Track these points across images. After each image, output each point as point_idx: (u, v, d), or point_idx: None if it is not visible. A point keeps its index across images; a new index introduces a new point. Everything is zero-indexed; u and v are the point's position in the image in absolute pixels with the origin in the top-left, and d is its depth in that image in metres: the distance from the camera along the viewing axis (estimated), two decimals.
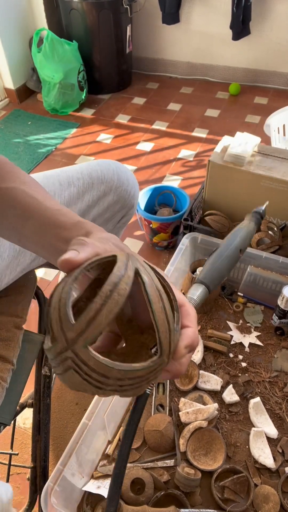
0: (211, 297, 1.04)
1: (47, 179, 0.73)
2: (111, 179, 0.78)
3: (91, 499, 0.77)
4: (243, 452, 0.83)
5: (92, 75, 2.48)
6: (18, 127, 2.33)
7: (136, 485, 0.77)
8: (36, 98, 2.57)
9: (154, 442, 0.83)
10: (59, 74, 2.23)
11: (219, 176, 1.16)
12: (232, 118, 2.31)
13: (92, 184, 0.76)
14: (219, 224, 1.18)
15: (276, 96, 2.48)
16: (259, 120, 2.27)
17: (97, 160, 0.82)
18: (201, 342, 0.98)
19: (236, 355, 0.98)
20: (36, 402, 0.87)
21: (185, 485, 0.76)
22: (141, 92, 2.61)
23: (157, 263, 1.51)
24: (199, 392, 0.90)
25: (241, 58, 2.50)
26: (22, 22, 2.38)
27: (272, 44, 2.39)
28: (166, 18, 2.41)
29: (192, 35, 2.52)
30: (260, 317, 1.06)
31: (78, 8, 2.23)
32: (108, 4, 2.21)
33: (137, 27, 2.60)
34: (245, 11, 2.21)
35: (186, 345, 0.34)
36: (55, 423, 1.14)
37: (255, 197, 1.15)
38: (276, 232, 1.12)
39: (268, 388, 0.92)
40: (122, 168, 0.81)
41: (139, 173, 1.96)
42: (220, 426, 0.86)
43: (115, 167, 0.80)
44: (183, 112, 2.40)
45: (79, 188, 0.75)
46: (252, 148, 1.14)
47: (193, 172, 1.94)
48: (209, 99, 2.50)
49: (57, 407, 1.17)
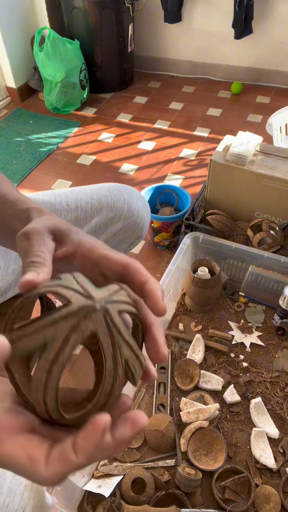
0: (212, 297, 1.04)
1: (55, 197, 0.72)
2: (121, 208, 0.75)
3: (92, 499, 0.77)
4: (244, 452, 0.83)
5: (94, 74, 2.48)
6: (19, 126, 2.33)
7: (137, 485, 0.77)
8: (38, 97, 2.57)
9: (155, 441, 0.83)
10: (61, 73, 2.23)
11: (221, 176, 1.16)
12: (234, 117, 2.31)
13: (100, 210, 0.74)
14: (221, 223, 1.18)
15: (278, 95, 2.48)
16: (261, 119, 2.27)
17: (110, 184, 0.79)
18: (202, 342, 0.98)
19: (237, 355, 0.98)
20: None
21: (185, 485, 0.76)
22: (142, 91, 2.61)
23: (159, 262, 1.51)
24: (200, 392, 0.90)
25: (243, 57, 2.50)
26: (24, 21, 2.38)
27: (275, 43, 2.38)
28: (168, 17, 2.41)
29: (194, 34, 2.51)
30: (262, 317, 1.05)
31: (80, 7, 2.23)
32: (110, 3, 2.20)
33: (139, 26, 2.59)
34: (247, 10, 2.21)
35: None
36: None
37: (257, 197, 1.15)
38: (277, 232, 1.11)
39: (269, 388, 0.92)
40: (134, 196, 0.78)
41: (140, 172, 1.96)
42: (221, 426, 0.86)
43: (127, 195, 0.77)
44: (185, 111, 2.40)
45: (86, 212, 0.73)
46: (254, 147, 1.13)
47: (195, 171, 1.94)
48: (211, 98, 2.50)
49: None
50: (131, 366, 0.29)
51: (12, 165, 2.03)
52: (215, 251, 1.10)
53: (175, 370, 0.94)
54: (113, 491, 0.76)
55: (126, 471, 0.79)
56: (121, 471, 0.79)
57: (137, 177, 1.93)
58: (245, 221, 1.22)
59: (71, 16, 2.30)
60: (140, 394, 0.92)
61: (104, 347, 0.27)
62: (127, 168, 1.99)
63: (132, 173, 1.95)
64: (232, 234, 1.20)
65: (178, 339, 1.02)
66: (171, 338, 1.02)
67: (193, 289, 1.01)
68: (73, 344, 0.26)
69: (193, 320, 1.06)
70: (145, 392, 0.92)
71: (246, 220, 1.22)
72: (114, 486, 0.76)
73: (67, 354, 0.26)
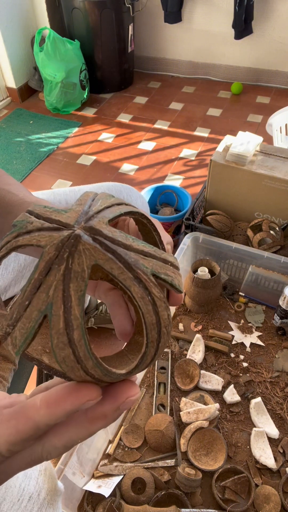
0: (212, 297, 1.04)
1: (54, 196, 0.73)
2: None
3: (92, 499, 0.77)
4: (244, 452, 0.83)
5: (94, 74, 2.48)
6: (20, 126, 2.33)
7: (137, 485, 0.77)
8: (38, 97, 2.57)
9: (155, 441, 0.83)
10: (61, 73, 2.23)
11: (221, 176, 1.16)
12: (234, 118, 2.31)
13: None
14: (221, 223, 1.18)
15: (278, 95, 2.48)
16: (261, 120, 2.27)
17: (109, 183, 0.79)
18: (202, 342, 0.98)
19: (237, 355, 0.98)
20: None
21: (185, 485, 0.76)
22: (143, 91, 2.61)
23: None
24: (200, 392, 0.90)
25: (243, 57, 2.50)
26: (24, 21, 2.38)
27: (275, 43, 2.38)
28: (168, 17, 2.41)
29: (194, 34, 2.51)
30: (262, 317, 1.05)
31: (80, 7, 2.23)
32: (110, 3, 2.20)
33: (139, 26, 2.59)
34: (248, 10, 2.21)
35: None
36: None
37: (257, 197, 1.15)
38: (277, 232, 1.11)
39: (269, 388, 0.92)
40: (133, 195, 0.79)
41: (140, 172, 1.96)
42: (221, 426, 0.86)
43: (126, 194, 0.78)
44: (185, 111, 2.40)
45: None
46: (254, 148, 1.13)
47: (195, 172, 1.94)
48: (211, 98, 2.50)
49: None
50: (163, 276, 0.23)
51: (12, 165, 2.03)
52: (215, 251, 1.10)
53: (175, 370, 0.94)
54: (113, 491, 0.76)
55: (126, 471, 0.79)
56: (121, 471, 0.79)
57: (137, 177, 1.93)
58: (245, 221, 1.22)
59: (71, 16, 2.30)
60: (140, 394, 0.92)
61: (118, 275, 0.21)
62: (127, 168, 1.99)
63: (132, 173, 1.95)
64: (232, 234, 1.20)
65: (178, 339, 1.02)
66: (171, 338, 1.02)
67: (193, 289, 1.01)
68: (77, 294, 0.20)
69: (193, 320, 1.06)
70: (145, 392, 0.92)
71: (246, 220, 1.22)
72: (114, 486, 0.76)
73: (79, 310, 0.20)
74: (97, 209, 0.23)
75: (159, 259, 0.23)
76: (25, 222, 0.22)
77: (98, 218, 0.22)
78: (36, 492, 0.37)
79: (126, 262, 0.21)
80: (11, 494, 0.34)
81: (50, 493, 0.38)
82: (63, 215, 0.22)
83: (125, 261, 0.21)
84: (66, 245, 0.21)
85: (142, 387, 0.93)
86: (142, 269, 0.21)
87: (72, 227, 0.21)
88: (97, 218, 0.22)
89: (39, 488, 0.37)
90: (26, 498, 0.35)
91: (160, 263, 0.22)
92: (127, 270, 0.21)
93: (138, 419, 0.88)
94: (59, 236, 0.21)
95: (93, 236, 0.21)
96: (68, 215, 0.22)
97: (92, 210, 0.23)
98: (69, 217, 0.22)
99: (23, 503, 0.35)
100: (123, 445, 0.84)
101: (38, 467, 0.38)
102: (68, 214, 0.22)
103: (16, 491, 0.34)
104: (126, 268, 0.21)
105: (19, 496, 0.35)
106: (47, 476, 0.39)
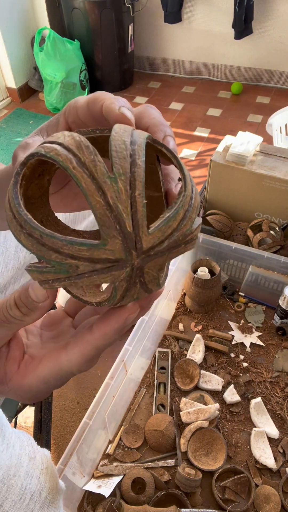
0: (212, 297, 1.04)
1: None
2: None
3: (92, 499, 0.77)
4: (244, 452, 0.83)
5: (94, 74, 2.48)
6: (20, 126, 2.33)
7: (136, 485, 0.77)
8: (38, 97, 2.57)
9: (155, 441, 0.83)
10: (61, 73, 2.23)
11: (221, 176, 1.16)
12: (234, 118, 2.31)
13: None
14: (221, 223, 1.18)
15: (278, 95, 2.48)
16: (261, 120, 2.27)
17: None
18: (202, 342, 0.98)
19: (237, 355, 0.98)
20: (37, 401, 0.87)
21: (185, 485, 0.76)
22: (143, 91, 2.61)
23: None
24: (200, 392, 0.90)
25: (243, 57, 2.50)
26: (24, 21, 2.38)
27: (275, 43, 2.38)
28: (168, 17, 2.41)
29: (194, 34, 2.51)
30: (262, 317, 1.05)
31: (80, 7, 2.23)
32: (110, 3, 2.21)
33: (139, 26, 2.59)
34: (247, 10, 2.21)
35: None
36: (56, 422, 1.14)
37: (257, 197, 1.15)
38: (277, 232, 1.11)
39: (269, 388, 0.92)
40: None
41: None
42: (221, 426, 0.86)
43: None
44: (185, 111, 2.40)
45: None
46: (254, 148, 1.13)
47: (195, 172, 1.94)
48: (211, 98, 2.50)
49: (58, 406, 1.17)
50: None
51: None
52: (215, 251, 1.10)
53: (175, 370, 0.94)
54: (113, 491, 0.76)
55: (126, 471, 0.79)
56: (121, 471, 0.79)
57: None
58: (245, 221, 1.22)
59: (71, 16, 2.30)
60: (140, 394, 0.92)
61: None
62: None
63: None
64: (232, 234, 1.20)
65: (178, 339, 1.02)
66: (171, 338, 1.02)
67: (193, 289, 1.01)
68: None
69: (193, 320, 1.06)
70: (145, 392, 0.92)
71: (246, 220, 1.22)
72: (114, 486, 0.76)
73: (141, 163, 0.21)
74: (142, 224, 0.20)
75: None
76: (66, 265, 0.20)
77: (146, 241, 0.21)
78: (38, 491, 0.37)
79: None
80: (13, 493, 0.34)
81: (52, 492, 0.39)
82: (105, 250, 0.20)
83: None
84: (134, 276, 0.21)
85: (142, 387, 0.93)
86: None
87: (125, 261, 0.20)
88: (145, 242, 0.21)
89: (41, 487, 0.37)
90: (28, 497, 0.35)
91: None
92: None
93: (138, 419, 0.88)
94: (123, 273, 0.21)
95: (146, 254, 0.21)
96: (111, 248, 0.20)
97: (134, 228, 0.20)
98: (113, 252, 0.20)
99: (25, 502, 0.35)
100: (123, 445, 0.84)
101: (40, 466, 0.38)
102: (109, 246, 0.20)
103: (18, 490, 0.34)
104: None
105: (20, 495, 0.35)
106: (48, 475, 0.39)
